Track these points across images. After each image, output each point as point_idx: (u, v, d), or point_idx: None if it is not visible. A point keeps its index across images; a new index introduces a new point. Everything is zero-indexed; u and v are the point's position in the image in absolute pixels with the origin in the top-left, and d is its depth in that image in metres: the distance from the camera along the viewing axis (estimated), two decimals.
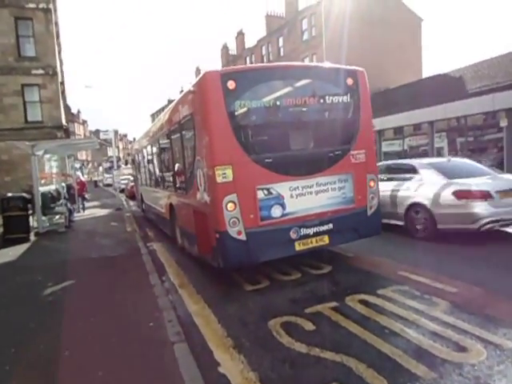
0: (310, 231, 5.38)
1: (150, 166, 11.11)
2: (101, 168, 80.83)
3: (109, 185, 41.07)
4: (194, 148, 5.82)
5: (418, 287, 4.76)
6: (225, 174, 4.98)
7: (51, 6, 21.22)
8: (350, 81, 5.84)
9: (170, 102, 68.09)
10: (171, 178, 8.14)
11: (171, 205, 8.27)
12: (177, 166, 7.58)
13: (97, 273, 6.58)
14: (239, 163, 5.05)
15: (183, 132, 6.64)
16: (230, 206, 5.00)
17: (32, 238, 10.27)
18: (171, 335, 3.87)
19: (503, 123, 16.60)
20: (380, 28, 28.74)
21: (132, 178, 24.23)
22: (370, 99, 6.14)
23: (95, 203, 20.47)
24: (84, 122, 79.30)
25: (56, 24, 23.84)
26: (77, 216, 14.11)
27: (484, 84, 18.42)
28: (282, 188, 5.25)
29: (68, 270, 6.81)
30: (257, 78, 5.40)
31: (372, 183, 5.94)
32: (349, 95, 5.82)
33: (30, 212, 10.58)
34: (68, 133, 24.46)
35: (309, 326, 3.96)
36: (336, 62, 6.33)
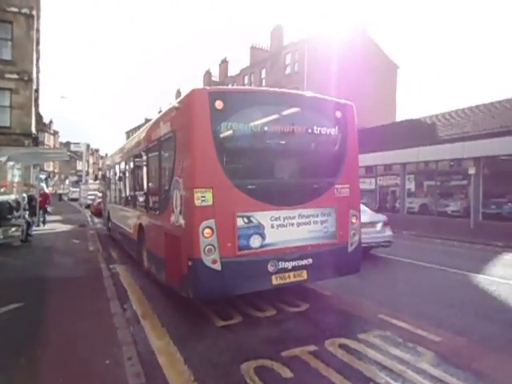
0: (289, 265, 5.04)
1: (122, 183, 10.56)
2: (67, 181, 77.97)
3: (74, 199, 39.42)
4: (173, 168, 5.44)
5: (400, 333, 4.50)
6: (204, 198, 4.62)
7: (34, 12, 20.75)
8: (338, 113, 5.73)
9: (147, 120, 67.47)
10: (143, 198, 7.70)
11: (140, 225, 7.76)
12: (151, 185, 7.19)
13: (51, 296, 5.92)
14: (220, 187, 4.71)
15: (162, 150, 6.29)
16: (207, 232, 4.61)
17: None
18: (130, 377, 3.37)
19: (471, 171, 17.25)
20: (359, 71, 29.88)
21: (100, 194, 23.34)
22: None
23: (58, 217, 19.38)
24: (55, 133, 76.81)
25: (37, 31, 23.30)
26: (36, 230, 13.16)
27: (454, 132, 19.26)
28: (263, 217, 4.93)
29: (17, 291, 6.12)
30: (246, 101, 5.17)
31: (354, 219, 5.73)
32: (337, 128, 5.68)
33: None
34: (37, 142, 23.41)
35: (286, 372, 3.58)
36: None
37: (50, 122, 70.63)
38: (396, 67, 36.51)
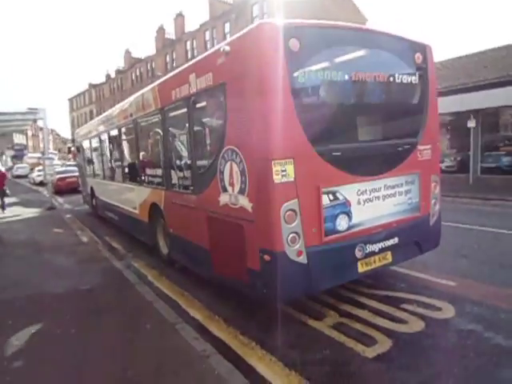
0: (376, 247, 4.21)
1: (116, 154, 8.46)
2: (4, 156, 70.56)
3: (20, 176, 35.25)
4: (223, 133, 4.11)
5: None
6: (284, 172, 3.53)
7: None
8: (418, 57, 4.60)
9: (91, 86, 61.35)
10: (160, 172, 6.23)
11: (154, 205, 6.32)
12: (175, 155, 5.62)
13: (81, 325, 3.95)
14: (302, 156, 3.64)
15: (195, 111, 4.84)
16: (290, 216, 3.57)
17: None
18: None
19: (471, 124, 16.64)
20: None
21: (58, 169, 20.45)
22: None
23: (13, 199, 16.35)
24: None
25: None
26: None
27: (450, 84, 18.42)
28: (349, 191, 3.98)
29: (20, 319, 4.11)
30: (326, 40, 3.94)
31: (435, 186, 4.88)
32: (417, 74, 4.59)
33: None
34: None
35: None
36: None
37: None
38: (365, 20, 35.10)
